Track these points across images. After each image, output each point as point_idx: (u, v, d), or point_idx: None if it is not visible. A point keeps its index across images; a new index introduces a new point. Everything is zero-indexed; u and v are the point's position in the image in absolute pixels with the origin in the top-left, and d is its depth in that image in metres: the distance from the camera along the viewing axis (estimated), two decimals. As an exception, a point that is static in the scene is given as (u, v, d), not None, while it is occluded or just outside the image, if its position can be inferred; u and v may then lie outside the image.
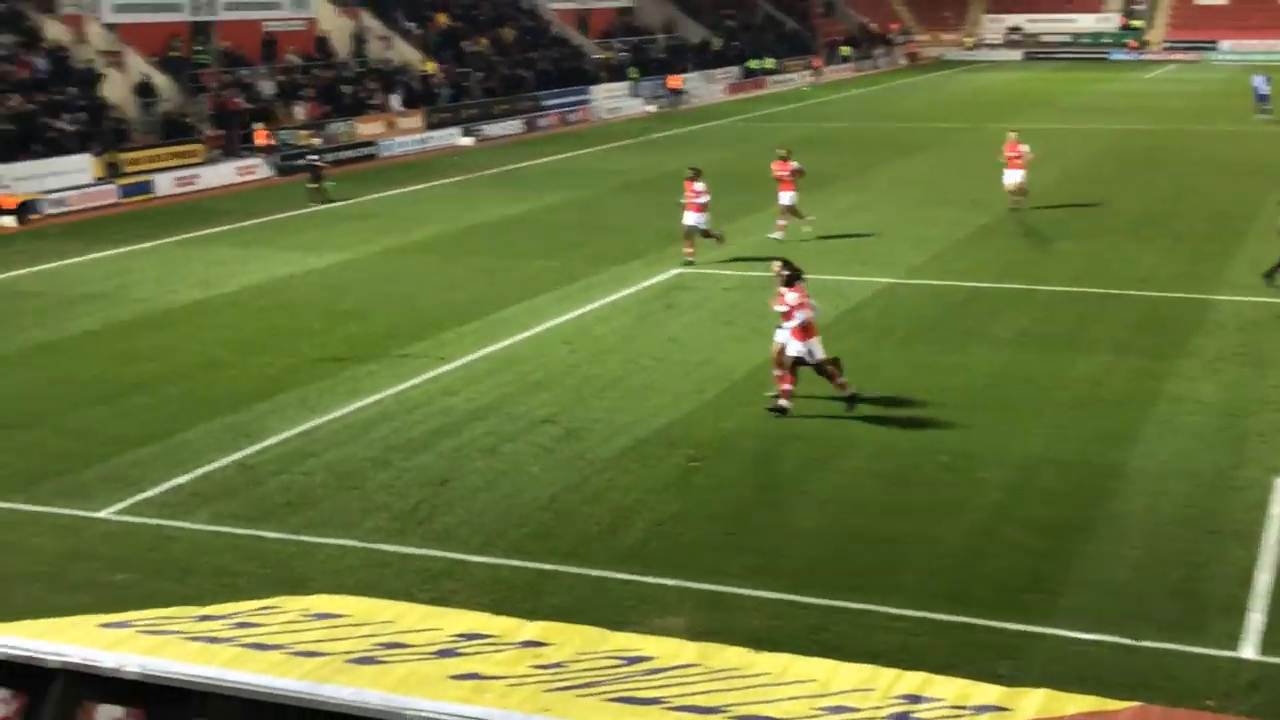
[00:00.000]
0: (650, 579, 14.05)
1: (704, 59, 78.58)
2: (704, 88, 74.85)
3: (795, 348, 19.00)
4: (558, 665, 11.74)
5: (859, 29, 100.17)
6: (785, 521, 15.73)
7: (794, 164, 32.17)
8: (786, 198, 32.24)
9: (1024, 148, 35.12)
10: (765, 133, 57.04)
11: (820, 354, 19.20)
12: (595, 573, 14.21)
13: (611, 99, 67.20)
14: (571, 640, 12.40)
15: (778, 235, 31.88)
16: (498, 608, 12.84)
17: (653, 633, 12.53)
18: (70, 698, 10.92)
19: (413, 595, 13.49)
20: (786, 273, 19.48)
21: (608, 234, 34.09)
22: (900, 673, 11.79)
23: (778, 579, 14.06)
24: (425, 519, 15.77)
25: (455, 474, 17.23)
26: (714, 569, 14.30)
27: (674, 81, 71.29)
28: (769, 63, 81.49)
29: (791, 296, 19.06)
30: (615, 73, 69.95)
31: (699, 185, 29.53)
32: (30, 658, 11.16)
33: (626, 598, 13.66)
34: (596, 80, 67.71)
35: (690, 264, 29.40)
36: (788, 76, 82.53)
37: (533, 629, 12.44)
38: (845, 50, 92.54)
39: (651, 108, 68.76)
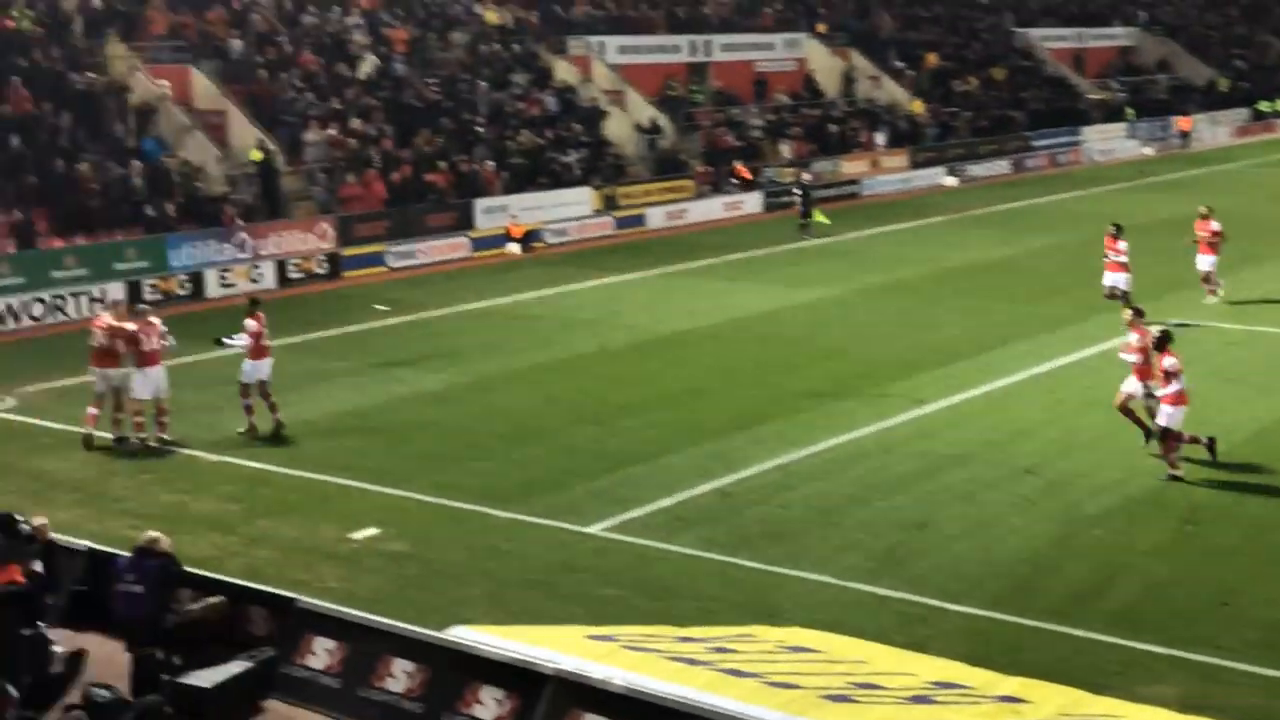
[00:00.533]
0: (1138, 644, 13.42)
1: (1209, 100, 74.69)
2: (1208, 130, 71.14)
3: (1168, 416, 18.27)
4: (1037, 725, 11.37)
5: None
6: (1289, 597, 14.67)
7: (1214, 225, 29.65)
8: (1205, 263, 29.76)
9: None
10: (1274, 178, 53.71)
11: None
12: (1078, 633, 13.69)
13: (1105, 140, 64.90)
14: (1052, 700, 11.98)
15: (1212, 300, 29.56)
16: (975, 659, 12.58)
17: (1139, 700, 11.97)
18: (560, 704, 11.51)
19: (887, 637, 13.39)
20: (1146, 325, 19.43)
21: (1097, 280, 32.84)
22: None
23: (1278, 654, 13.13)
24: (902, 561, 15.66)
25: (933, 518, 17.03)
26: (1207, 639, 13.51)
27: (1183, 123, 68.16)
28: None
29: (1169, 361, 18.42)
30: (1111, 113, 67.54)
31: (1121, 244, 28.50)
32: (527, 663, 11.85)
33: (1111, 661, 13.09)
34: (1090, 121, 65.59)
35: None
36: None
37: (1012, 684, 12.11)
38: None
39: (1149, 150, 65.93)
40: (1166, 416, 18.31)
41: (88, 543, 13.99)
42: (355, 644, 12.70)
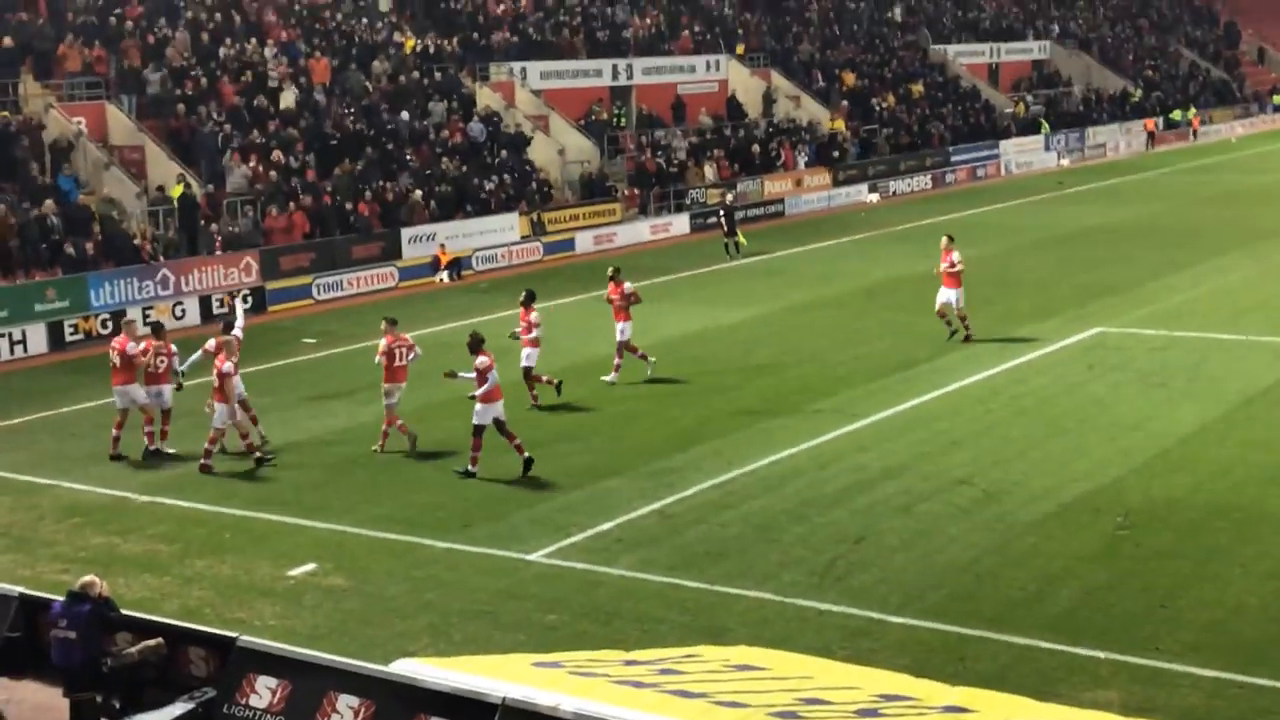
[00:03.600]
0: (1079, 650, 13.55)
1: (1121, 110, 75.99)
2: (1122, 139, 72.35)
3: None
4: (985, 733, 11.44)
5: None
6: (1224, 597, 14.86)
7: (955, 256, 27.41)
8: (947, 295, 27.52)
9: None
10: (1190, 186, 54.66)
11: None
12: (1020, 640, 13.81)
13: (1023, 153, 65.82)
14: (997, 709, 12.07)
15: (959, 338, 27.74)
16: (919, 670, 12.66)
17: (1082, 705, 12.10)
18: (508, 732, 11.43)
19: (831, 652, 13.46)
20: None
21: (1021, 291, 33.33)
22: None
23: (1218, 656, 13.30)
24: (842, 575, 15.74)
25: (870, 531, 17.14)
26: (1147, 643, 13.67)
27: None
28: (1192, 113, 77.97)
29: None
30: (1027, 126, 68.50)
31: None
32: (474, 693, 11.78)
33: (1054, 668, 13.21)
34: (1007, 134, 66.50)
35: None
36: (1215, 127, 78.77)
37: (957, 694, 12.19)
38: (1278, 99, 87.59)
39: (1065, 161, 66.97)
40: None
41: (19, 588, 13.75)
42: (298, 681, 12.57)
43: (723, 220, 42.61)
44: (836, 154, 57.10)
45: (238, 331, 22.69)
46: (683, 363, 27.07)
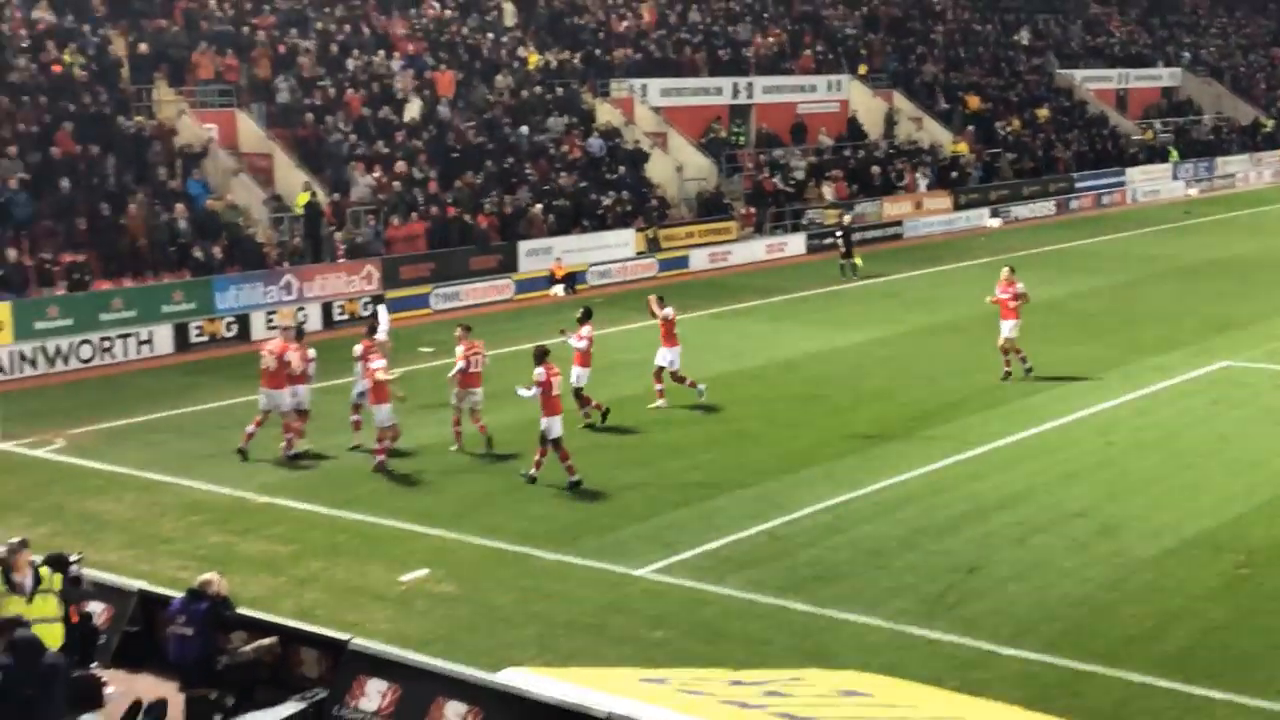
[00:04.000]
0: (1195, 689, 13.30)
1: (1252, 141, 74.39)
2: (1252, 171, 70.83)
3: None
4: (1096, 771, 11.25)
5: None
6: (1349, 642, 14.50)
7: (1019, 286, 27.03)
8: (1006, 328, 26.74)
9: None
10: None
11: None
12: (1135, 677, 13.58)
13: (1150, 181, 64.69)
14: (1110, 745, 11.86)
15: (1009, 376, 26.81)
16: (1030, 704, 12.51)
17: (1198, 747, 11.85)
18: (614, 747, 11.45)
19: (941, 681, 13.31)
20: None
21: (1146, 322, 32.76)
22: None
23: (1342, 704, 12.98)
24: (954, 605, 15.58)
25: (984, 561, 16.95)
26: (1266, 684, 13.38)
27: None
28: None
29: None
30: (1155, 154, 67.33)
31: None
32: (581, 706, 11.81)
33: (1169, 707, 12.98)
34: (1135, 162, 65.42)
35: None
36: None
37: (1070, 729, 12.00)
38: None
39: (1193, 191, 65.71)
40: None
41: (140, 584, 14.08)
42: (408, 686, 12.71)
43: (840, 241, 42.44)
44: (958, 177, 56.57)
45: (382, 335, 23.34)
46: (796, 384, 26.99)
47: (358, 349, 22.68)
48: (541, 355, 20.95)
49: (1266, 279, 39.05)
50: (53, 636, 11.99)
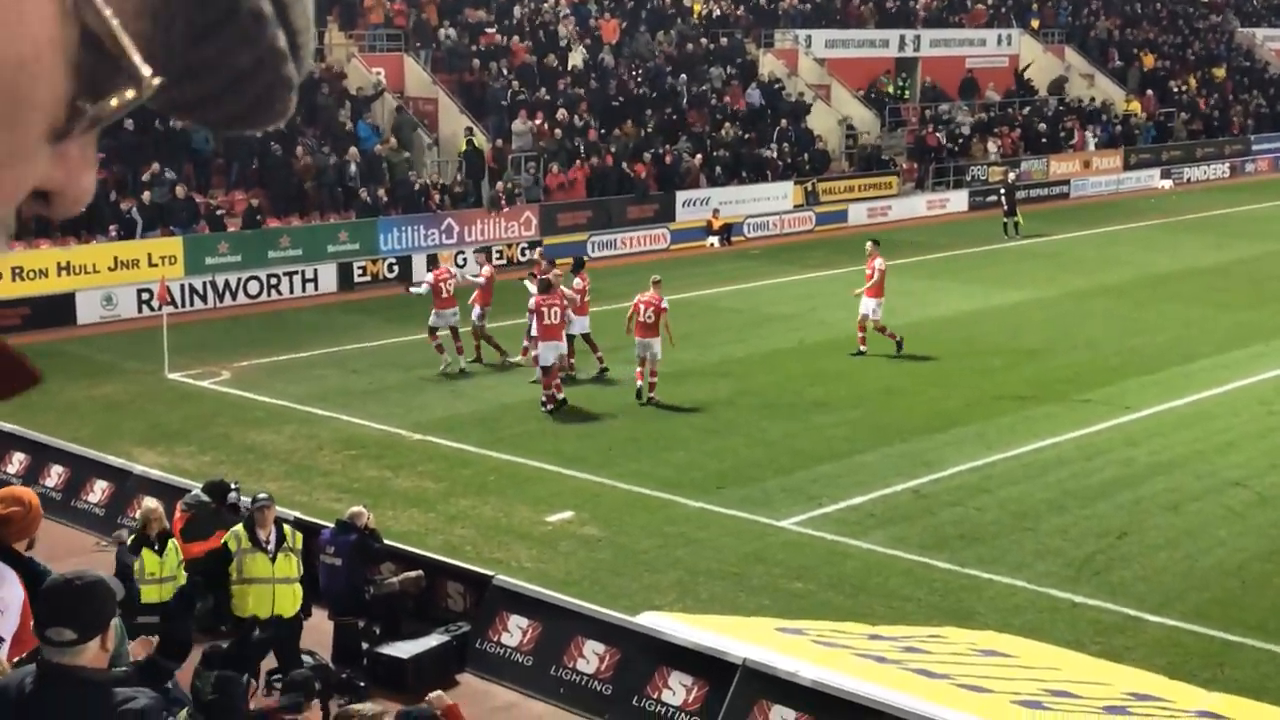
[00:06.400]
0: (1349, 667, 12.94)
1: None
2: None
3: None
4: (1238, 743, 11.07)
5: None
6: None
7: (879, 262, 25.29)
8: (866, 306, 25.54)
9: None
10: None
11: None
12: (1286, 651, 13.27)
13: (1331, 145, 62.34)
14: (1255, 718, 11.64)
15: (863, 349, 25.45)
16: (1174, 672, 12.33)
17: (1347, 726, 11.55)
18: (747, 694, 11.60)
19: (1083, 646, 13.17)
20: None
21: (1319, 290, 31.67)
22: None
23: None
24: (1101, 570, 15.33)
25: (1134, 527, 16.63)
26: None
27: None
28: None
29: None
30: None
31: None
32: (717, 651, 11.97)
33: (1320, 683, 12.65)
34: (1316, 125, 63.09)
35: None
36: None
37: (1213, 700, 11.82)
38: None
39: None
40: None
41: (295, 513, 14.54)
42: (548, 623, 12.98)
43: (1003, 199, 41.73)
44: (1129, 137, 55.13)
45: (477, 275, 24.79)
46: (951, 343, 26.64)
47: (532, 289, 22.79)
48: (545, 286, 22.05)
49: None
50: (293, 596, 12.35)
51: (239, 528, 12.45)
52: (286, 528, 12.60)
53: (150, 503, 13.35)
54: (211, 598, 12.17)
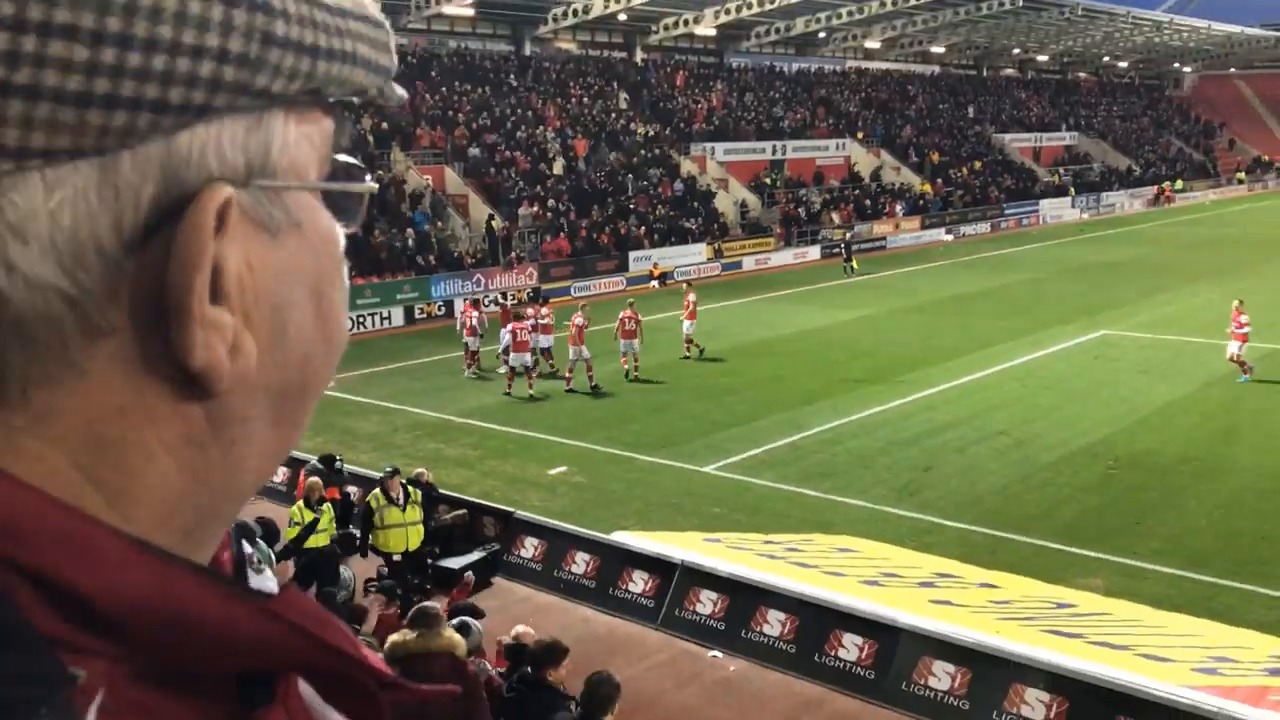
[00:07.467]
0: (1076, 549, 13.05)
1: (1127, 181, 72.07)
2: (1127, 202, 68.64)
3: None
4: (1006, 602, 11.15)
5: (1254, 160, 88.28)
6: (1182, 519, 14.13)
7: (691, 297, 24.94)
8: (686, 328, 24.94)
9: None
10: (1173, 235, 51.66)
11: None
12: (1036, 541, 13.34)
13: (1055, 209, 62.93)
14: (1017, 586, 11.74)
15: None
16: (964, 558, 12.37)
17: (1078, 588, 11.66)
18: (685, 583, 11.56)
19: (904, 543, 13.23)
20: None
21: (1050, 304, 31.94)
22: (1274, 639, 10.32)
23: (1175, 559, 12.69)
24: (914, 492, 15.41)
25: (935, 463, 16.72)
26: (1125, 547, 13.10)
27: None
28: (1179, 184, 73.50)
29: None
30: (1059, 191, 65.46)
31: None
32: (664, 555, 11.92)
33: (1058, 562, 12.74)
34: (1044, 196, 63.69)
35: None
36: (1193, 194, 74.16)
37: (990, 575, 11.89)
38: (1241, 175, 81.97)
39: (1085, 216, 63.81)
40: None
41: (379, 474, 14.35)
42: (552, 541, 12.90)
43: (843, 250, 41.87)
44: (923, 206, 55.48)
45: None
46: (812, 346, 26.70)
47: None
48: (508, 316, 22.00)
49: (1133, 275, 37.87)
50: (418, 533, 11.99)
51: (376, 490, 12.15)
52: (411, 489, 12.41)
53: (313, 479, 13.17)
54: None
